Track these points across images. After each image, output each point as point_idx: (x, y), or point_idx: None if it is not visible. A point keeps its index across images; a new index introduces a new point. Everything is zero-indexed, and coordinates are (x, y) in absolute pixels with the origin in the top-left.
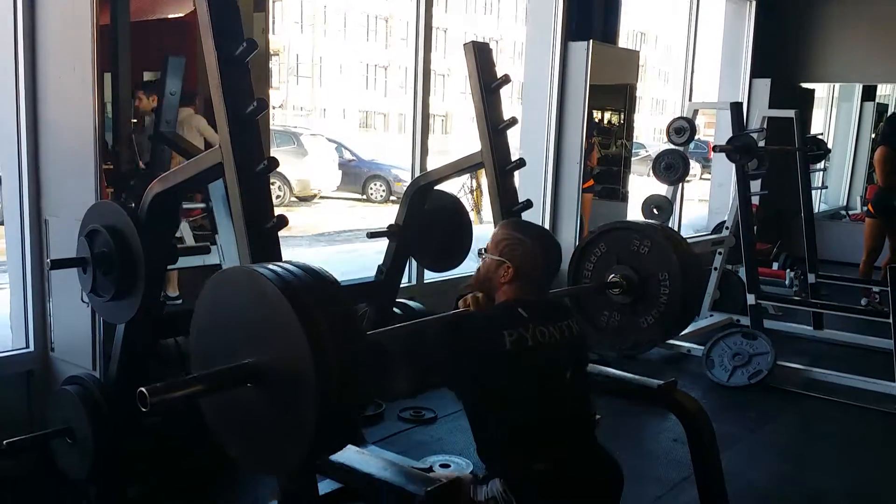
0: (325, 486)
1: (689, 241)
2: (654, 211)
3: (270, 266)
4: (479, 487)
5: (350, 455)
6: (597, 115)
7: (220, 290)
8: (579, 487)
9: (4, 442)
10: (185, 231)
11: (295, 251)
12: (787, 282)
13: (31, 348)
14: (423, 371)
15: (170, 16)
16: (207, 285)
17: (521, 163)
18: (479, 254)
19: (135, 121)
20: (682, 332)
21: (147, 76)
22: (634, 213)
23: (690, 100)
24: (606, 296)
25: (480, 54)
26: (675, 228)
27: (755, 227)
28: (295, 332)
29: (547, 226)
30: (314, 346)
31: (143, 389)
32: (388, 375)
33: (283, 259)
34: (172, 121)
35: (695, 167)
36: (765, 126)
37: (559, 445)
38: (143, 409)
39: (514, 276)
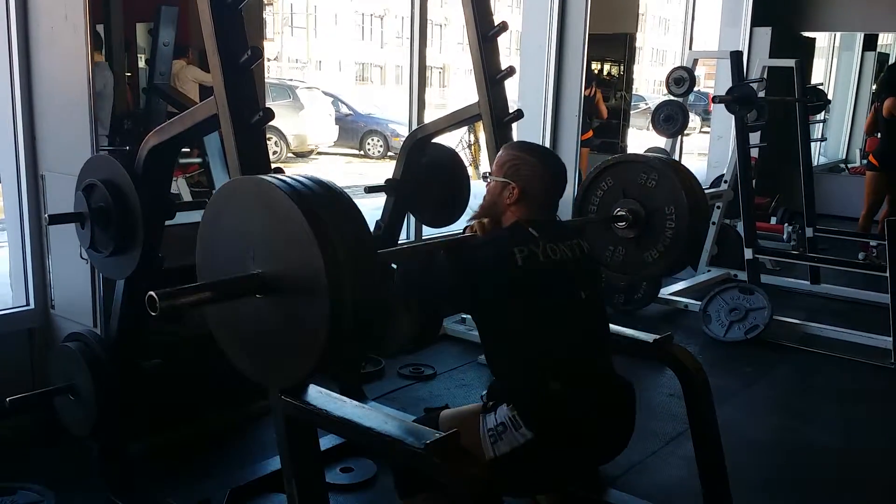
0: (326, 442)
1: None
2: None
3: (283, 177)
4: (486, 416)
5: (350, 409)
6: (596, 66)
7: (231, 200)
8: (593, 407)
9: (7, 399)
10: (182, 187)
11: None
12: (784, 236)
13: (32, 306)
14: (432, 295)
15: None
16: (218, 195)
17: (518, 114)
18: (484, 178)
19: (129, 74)
20: (680, 288)
21: (140, 27)
22: None
23: (690, 49)
24: (612, 230)
25: (477, 1)
26: None
27: (753, 181)
28: (308, 244)
29: None
30: (327, 258)
31: (152, 293)
32: (397, 297)
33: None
34: (166, 72)
35: (694, 120)
36: (765, 76)
37: (574, 364)
38: (152, 314)
39: (519, 196)
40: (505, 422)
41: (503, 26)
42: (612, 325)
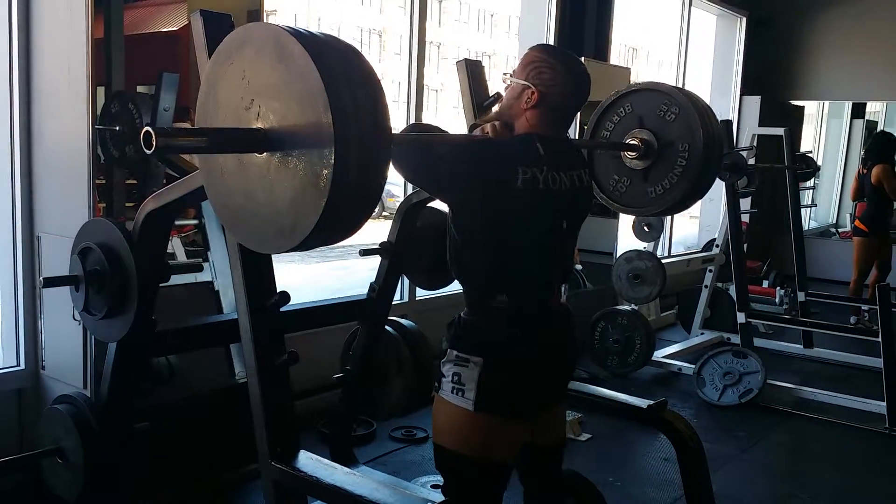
0: None
1: (679, 259)
2: (646, 228)
3: (302, 30)
4: (441, 387)
5: (341, 476)
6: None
7: (235, 50)
8: (535, 331)
9: None
10: (177, 247)
11: (287, 267)
12: (777, 300)
13: (22, 366)
14: (424, 174)
15: (163, 30)
16: (230, 40)
17: None
18: (504, 78)
19: None
20: (674, 351)
21: (141, 90)
22: (626, 231)
23: None
24: (620, 159)
25: (473, 72)
26: (667, 246)
27: (745, 245)
28: (316, 91)
29: None
30: (337, 118)
31: (149, 129)
32: (400, 165)
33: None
34: None
35: None
36: (755, 144)
37: (531, 287)
38: (147, 151)
39: (538, 101)
40: (455, 371)
41: (498, 97)
42: (606, 390)
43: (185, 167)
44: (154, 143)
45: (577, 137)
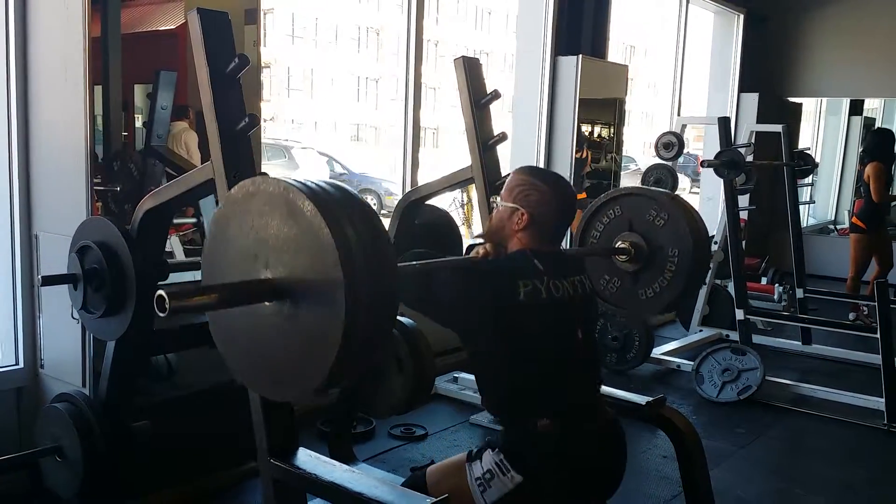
0: None
1: None
2: None
3: (304, 180)
4: (472, 465)
5: (340, 474)
6: (586, 128)
7: (247, 200)
8: (582, 447)
9: None
10: (175, 246)
11: None
12: (775, 297)
13: (21, 365)
14: (432, 311)
15: (161, 28)
16: (232, 195)
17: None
18: (492, 201)
19: (125, 134)
20: (672, 348)
21: (138, 89)
22: None
23: (679, 114)
24: (611, 260)
25: (470, 69)
26: None
27: (744, 242)
28: (328, 251)
29: None
30: (346, 263)
31: (162, 292)
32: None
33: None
34: (163, 135)
35: (684, 181)
36: (752, 141)
37: (564, 405)
38: (161, 314)
39: (528, 223)
40: (492, 468)
41: (495, 94)
42: (605, 388)
43: (185, 166)
44: (168, 307)
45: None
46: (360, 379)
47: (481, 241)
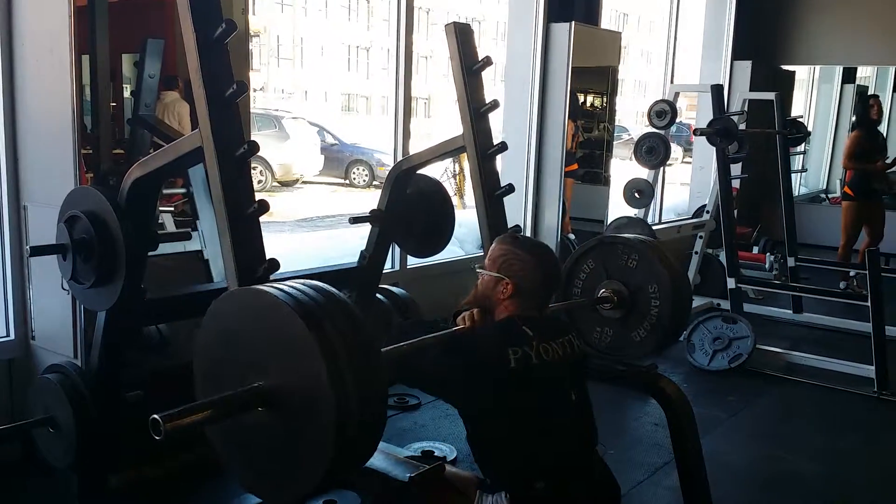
0: None
1: (669, 225)
2: (636, 195)
3: (281, 286)
4: (485, 496)
5: None
6: (579, 97)
7: (228, 310)
8: None
9: None
10: (165, 217)
11: (277, 237)
12: (766, 265)
13: (12, 337)
14: (425, 387)
15: None
16: (214, 306)
17: (502, 146)
18: (475, 269)
19: (114, 104)
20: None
21: (126, 58)
22: (616, 198)
23: (672, 82)
24: (598, 312)
25: (462, 36)
26: (657, 213)
27: (735, 211)
28: (311, 355)
29: (529, 211)
30: (331, 368)
31: (156, 416)
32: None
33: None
34: (151, 104)
35: (676, 151)
36: (745, 109)
37: (560, 466)
38: (157, 438)
39: (513, 291)
40: None
41: (487, 61)
42: (597, 355)
43: (173, 135)
44: (163, 430)
45: (566, 125)
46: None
47: (467, 308)
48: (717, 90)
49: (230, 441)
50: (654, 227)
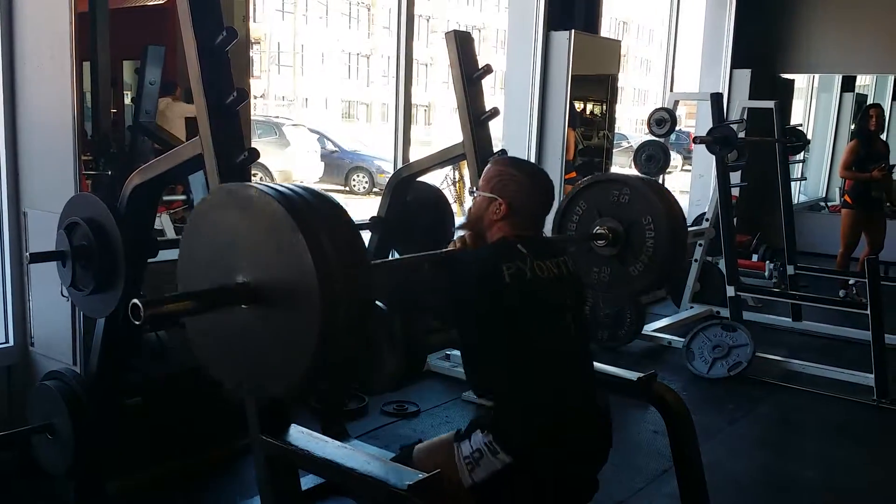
0: (307, 482)
1: None
2: None
3: (272, 184)
4: (460, 444)
5: (332, 450)
6: (579, 105)
7: (218, 208)
8: (571, 434)
9: None
10: (165, 223)
11: None
12: (766, 273)
13: (11, 343)
14: (417, 308)
15: (150, 3)
16: (203, 203)
17: (502, 153)
18: (471, 192)
19: (114, 110)
20: (663, 325)
21: (127, 65)
22: None
23: (671, 90)
24: (593, 252)
25: (462, 44)
26: None
27: (735, 219)
28: (299, 251)
29: None
30: (319, 266)
31: (136, 301)
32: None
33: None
34: (152, 111)
35: (676, 158)
36: (745, 117)
37: (556, 389)
38: (136, 323)
39: (507, 211)
40: (481, 448)
41: (487, 69)
42: (596, 364)
43: (172, 141)
44: (142, 315)
45: (565, 133)
46: (342, 374)
47: (462, 232)
48: (716, 98)
49: (212, 339)
50: None
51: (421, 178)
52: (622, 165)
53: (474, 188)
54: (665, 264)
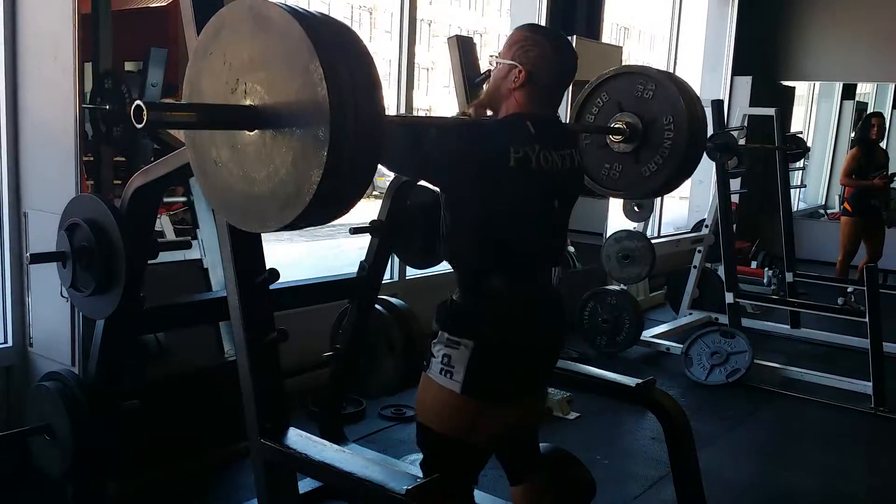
0: (304, 485)
1: (668, 239)
2: (636, 209)
3: (289, 4)
4: (430, 367)
5: (330, 453)
6: None
7: (228, 25)
8: (527, 314)
9: None
10: (165, 225)
11: (276, 246)
12: (765, 280)
13: (10, 343)
14: (419, 155)
15: (152, 5)
16: (212, 22)
17: None
18: (490, 59)
19: None
20: (662, 331)
21: (129, 66)
22: (615, 212)
23: None
24: (608, 147)
25: (464, 49)
26: (656, 227)
27: (734, 226)
28: (314, 75)
29: None
30: (333, 92)
31: (139, 102)
32: (393, 148)
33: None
34: None
35: None
36: (745, 124)
37: (524, 269)
38: (138, 125)
39: (525, 80)
40: (445, 352)
41: (489, 74)
42: (594, 369)
43: (174, 143)
44: (145, 118)
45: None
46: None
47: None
48: (717, 105)
49: (215, 168)
50: (652, 241)
51: (421, 184)
52: None
53: (495, 55)
54: (678, 169)
